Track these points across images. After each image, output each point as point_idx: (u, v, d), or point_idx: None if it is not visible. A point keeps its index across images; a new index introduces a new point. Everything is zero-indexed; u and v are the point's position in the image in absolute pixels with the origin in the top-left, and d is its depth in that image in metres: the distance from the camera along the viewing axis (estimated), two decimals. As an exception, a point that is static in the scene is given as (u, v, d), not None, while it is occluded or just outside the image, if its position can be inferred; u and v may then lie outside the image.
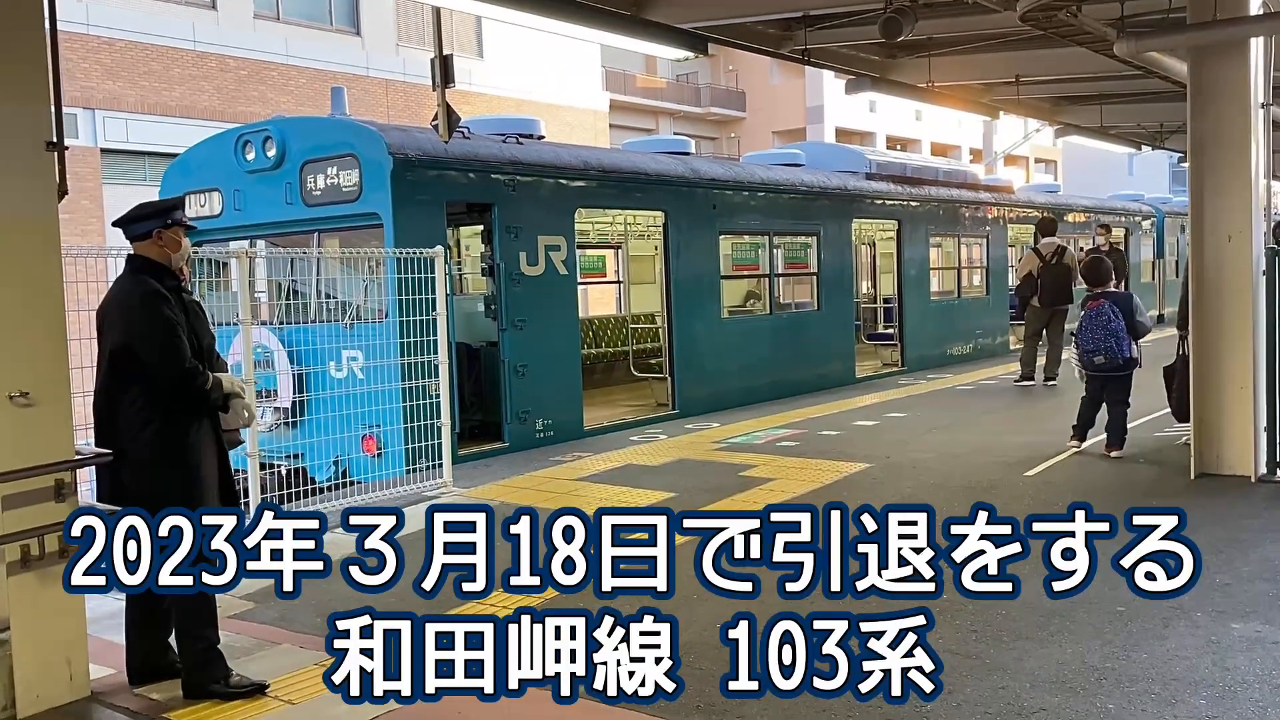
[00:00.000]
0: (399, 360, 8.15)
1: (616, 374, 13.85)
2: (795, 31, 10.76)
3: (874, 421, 10.87)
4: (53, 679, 4.28)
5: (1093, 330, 8.46)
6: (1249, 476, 7.56)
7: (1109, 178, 37.56)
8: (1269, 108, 7.83)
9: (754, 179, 12.97)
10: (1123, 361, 8.45)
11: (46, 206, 4.32)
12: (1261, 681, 4.16)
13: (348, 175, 9.04)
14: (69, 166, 4.50)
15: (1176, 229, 23.90)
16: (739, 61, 40.99)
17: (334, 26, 22.02)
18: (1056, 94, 15.10)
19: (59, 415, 4.31)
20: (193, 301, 4.56)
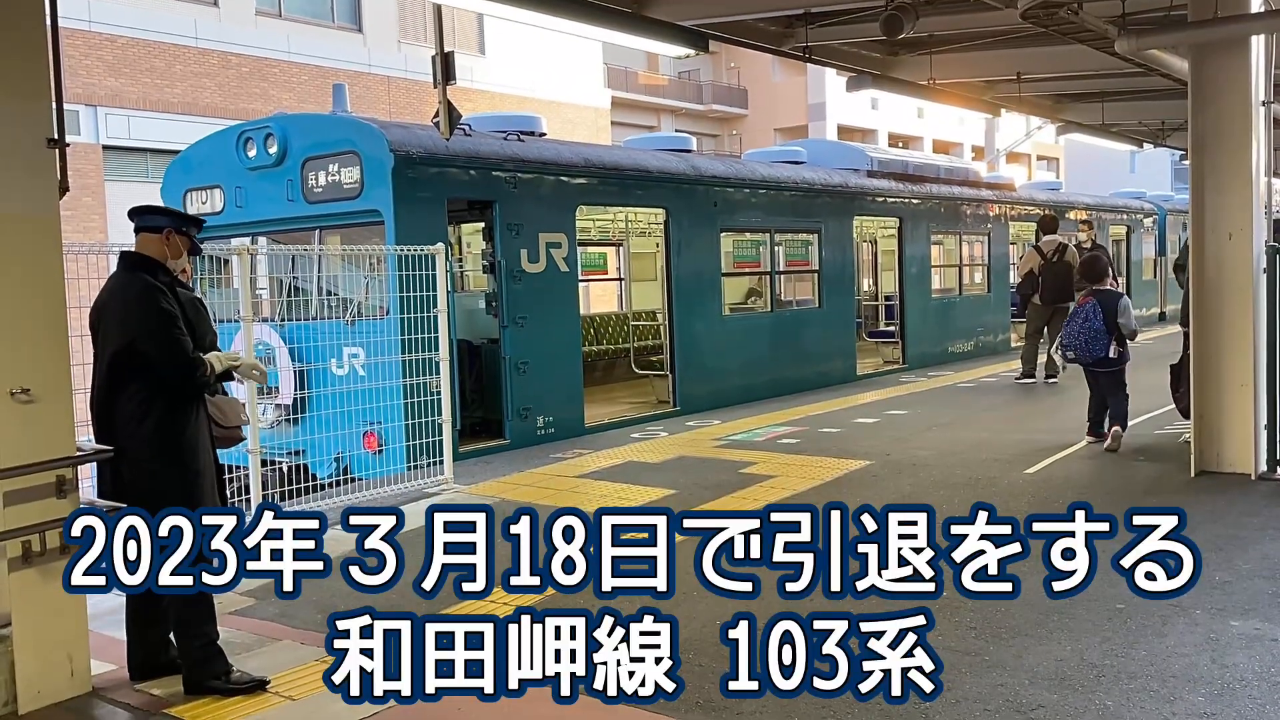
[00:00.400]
0: (400, 357, 8.16)
1: (617, 371, 13.86)
2: (796, 29, 10.76)
3: (875, 419, 10.88)
4: (54, 675, 4.30)
5: (1071, 326, 8.66)
6: (1249, 474, 7.56)
7: (1111, 175, 37.55)
8: (1270, 105, 7.83)
9: (755, 176, 12.97)
10: (1093, 361, 8.53)
11: (48, 203, 4.33)
12: (1260, 679, 4.16)
13: (349, 172, 9.05)
14: (70, 163, 4.50)
15: (1179, 227, 23.88)
16: (741, 59, 40.98)
17: (336, 23, 22.03)
18: (1058, 91, 15.10)
19: (60, 411, 4.32)
20: (193, 298, 4.57)
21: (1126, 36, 8.76)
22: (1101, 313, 8.50)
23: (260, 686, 4.38)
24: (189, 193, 10.29)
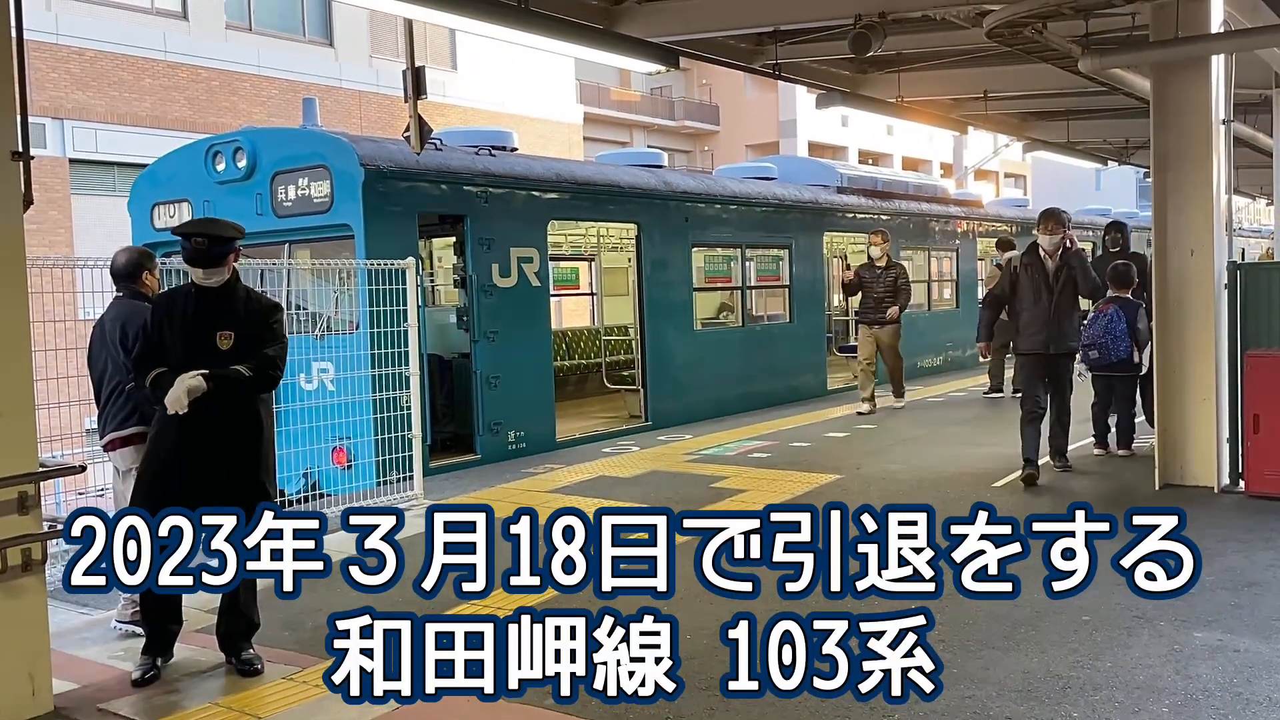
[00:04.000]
0: (370, 372, 8.12)
1: (589, 386, 13.86)
2: (766, 46, 10.86)
3: (845, 433, 10.93)
4: (15, 693, 4.22)
5: (1094, 328, 8.74)
6: (1212, 487, 7.66)
7: (1078, 192, 37.99)
8: (1230, 124, 7.98)
9: (726, 192, 13.04)
10: (1116, 360, 8.63)
11: (11, 216, 4.27)
12: (1223, 689, 4.21)
13: (319, 186, 9.02)
14: (37, 177, 4.46)
15: (1143, 243, 24.18)
16: (712, 75, 41.20)
17: (307, 37, 21.94)
18: (1024, 109, 15.30)
19: (23, 427, 4.26)
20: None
21: (1090, 56, 8.90)
22: (1124, 317, 8.64)
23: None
24: (157, 206, 10.21)
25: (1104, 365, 8.79)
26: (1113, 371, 8.83)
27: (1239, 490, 7.58)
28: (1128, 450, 8.97)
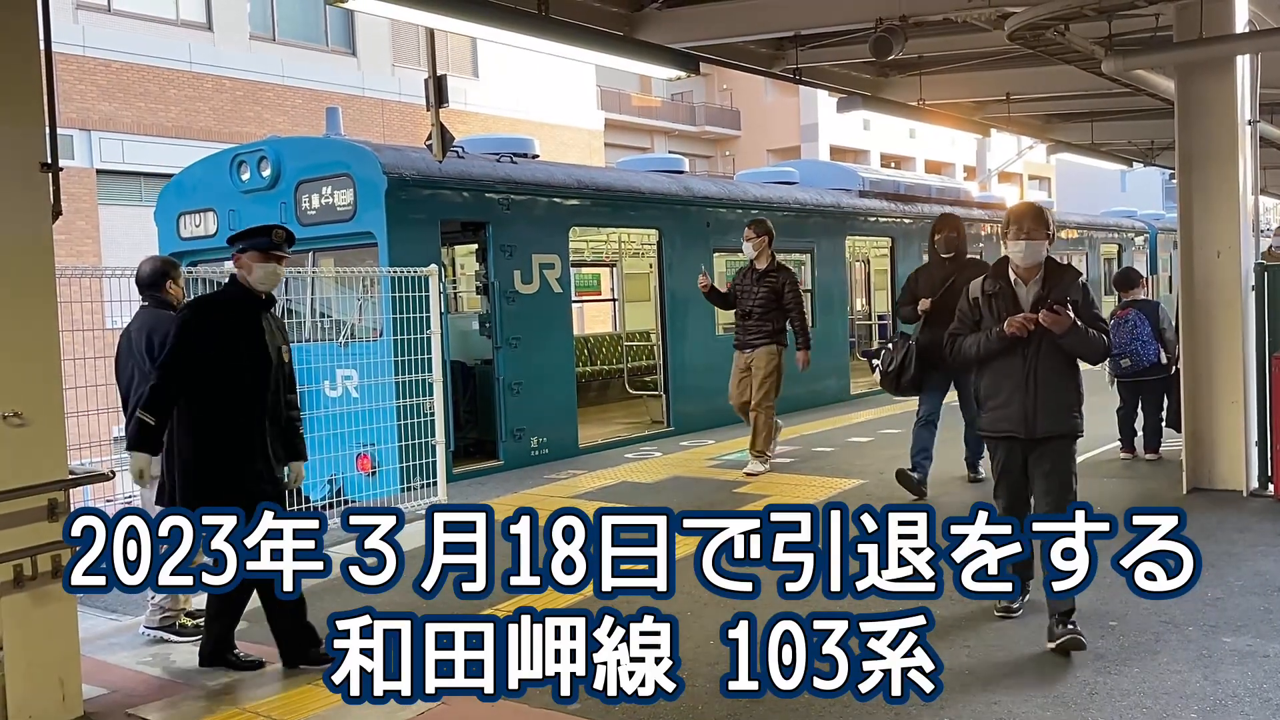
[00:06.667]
0: (394, 379, 8.17)
1: (611, 392, 13.87)
2: (786, 50, 10.84)
3: (869, 438, 10.88)
4: (45, 699, 4.27)
5: (1119, 335, 8.62)
6: (1240, 491, 7.58)
7: (1103, 194, 37.69)
8: (1256, 124, 7.90)
9: (748, 197, 13.03)
10: (1149, 365, 8.56)
11: (40, 227, 4.34)
12: (1252, 695, 4.17)
13: (342, 195, 9.08)
14: (64, 187, 4.52)
15: (1170, 245, 24.00)
16: (733, 80, 41.17)
17: (330, 47, 22.12)
18: (1047, 111, 15.20)
19: (52, 435, 4.31)
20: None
21: (1113, 57, 8.84)
22: (1146, 320, 8.60)
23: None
24: (182, 216, 10.31)
25: (1135, 373, 8.70)
26: (1142, 376, 8.75)
27: (1268, 494, 7.49)
28: (1155, 454, 8.90)
